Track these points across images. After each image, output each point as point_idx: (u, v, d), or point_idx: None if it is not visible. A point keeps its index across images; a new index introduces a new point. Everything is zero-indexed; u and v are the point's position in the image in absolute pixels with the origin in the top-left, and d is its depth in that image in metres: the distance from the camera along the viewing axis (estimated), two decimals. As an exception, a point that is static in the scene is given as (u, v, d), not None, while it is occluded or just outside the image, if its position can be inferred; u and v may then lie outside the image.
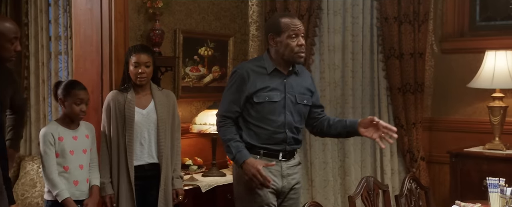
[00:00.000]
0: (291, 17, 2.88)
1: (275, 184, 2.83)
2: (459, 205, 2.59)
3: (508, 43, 3.93)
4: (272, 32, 2.85)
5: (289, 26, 2.80)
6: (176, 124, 3.26)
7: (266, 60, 2.88)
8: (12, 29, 2.52)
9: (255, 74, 2.83)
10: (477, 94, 4.05)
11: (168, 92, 3.30)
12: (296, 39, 2.81)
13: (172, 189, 3.20)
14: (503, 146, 3.79)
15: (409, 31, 4.06)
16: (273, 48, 2.86)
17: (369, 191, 2.78)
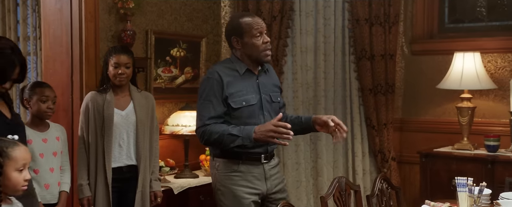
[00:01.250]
0: (250, 16, 2.79)
1: (259, 188, 2.76)
2: (428, 205, 2.63)
3: (476, 45, 4.01)
4: (234, 35, 2.76)
5: (251, 26, 2.72)
6: (154, 126, 3.24)
7: (235, 62, 2.78)
8: None
9: (227, 77, 2.72)
10: (446, 95, 4.11)
11: (147, 94, 3.27)
12: (261, 37, 2.73)
13: (150, 191, 3.17)
14: (471, 146, 3.86)
15: (380, 32, 4.11)
16: (239, 51, 2.77)
17: (341, 192, 2.80)
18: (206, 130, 2.65)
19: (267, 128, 2.55)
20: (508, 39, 4.00)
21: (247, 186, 2.73)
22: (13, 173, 1.94)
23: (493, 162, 3.62)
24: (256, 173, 2.75)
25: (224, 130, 2.63)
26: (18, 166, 1.95)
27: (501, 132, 3.84)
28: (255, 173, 2.75)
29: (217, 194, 2.78)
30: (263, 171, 2.77)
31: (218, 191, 2.77)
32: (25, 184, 1.97)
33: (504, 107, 3.92)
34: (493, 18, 4.18)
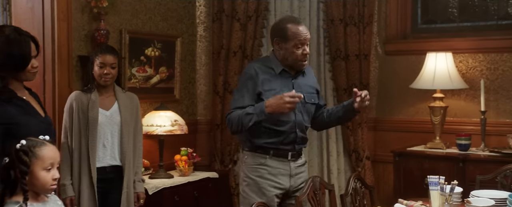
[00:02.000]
0: (298, 24, 2.87)
1: (284, 184, 2.88)
2: (401, 203, 2.65)
3: (448, 45, 4.07)
4: (278, 37, 2.88)
5: (296, 35, 2.83)
6: (138, 127, 3.23)
7: (273, 61, 2.92)
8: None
9: (263, 73, 2.86)
10: (419, 95, 4.17)
11: (132, 94, 3.26)
12: (301, 49, 2.85)
13: (134, 192, 3.15)
14: (443, 145, 3.91)
15: (354, 33, 4.14)
16: (278, 52, 2.90)
17: (315, 191, 2.81)
18: (228, 117, 2.83)
19: (282, 102, 2.67)
20: (479, 39, 4.07)
21: (272, 180, 2.86)
22: (41, 172, 1.98)
23: (464, 160, 3.68)
24: (282, 169, 2.88)
25: (242, 111, 2.77)
26: (46, 165, 1.98)
27: (472, 131, 3.90)
28: (281, 168, 2.88)
29: (242, 185, 2.93)
30: (289, 168, 2.90)
31: (244, 182, 2.92)
32: (54, 183, 2.00)
33: (475, 106, 3.98)
34: (465, 19, 4.24)
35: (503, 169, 3.17)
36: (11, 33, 2.27)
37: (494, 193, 2.68)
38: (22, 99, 2.34)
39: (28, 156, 1.96)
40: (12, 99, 2.28)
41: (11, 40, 2.25)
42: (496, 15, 4.13)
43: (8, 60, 2.25)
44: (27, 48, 2.29)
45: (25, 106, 2.34)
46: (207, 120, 4.53)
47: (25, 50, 2.28)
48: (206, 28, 4.48)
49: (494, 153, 3.69)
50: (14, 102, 2.29)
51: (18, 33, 2.29)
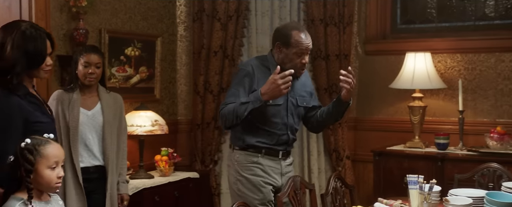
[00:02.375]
0: (302, 32, 2.87)
1: (276, 181, 2.92)
2: (381, 202, 2.67)
3: (427, 45, 4.11)
4: (280, 41, 2.88)
5: (298, 44, 2.84)
6: (122, 127, 3.20)
7: (270, 62, 2.92)
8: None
9: (259, 72, 2.87)
10: (399, 94, 4.20)
11: (116, 95, 3.22)
12: (301, 58, 2.86)
13: (117, 193, 3.13)
14: (422, 144, 3.95)
15: (334, 33, 4.16)
16: (277, 55, 2.90)
17: (296, 191, 2.82)
18: (222, 111, 2.84)
19: (275, 84, 2.68)
20: (457, 40, 4.12)
21: (265, 177, 2.90)
22: (46, 171, 1.97)
23: (443, 159, 3.72)
24: (274, 167, 2.94)
25: (236, 103, 2.79)
26: (50, 163, 1.97)
27: (451, 130, 3.94)
28: (273, 167, 2.93)
29: (237, 184, 2.93)
30: (280, 166, 2.96)
31: (238, 181, 2.92)
32: (58, 181, 1.99)
33: (453, 105, 4.03)
34: (443, 19, 4.29)
35: (481, 168, 3.22)
36: (27, 29, 2.23)
37: (472, 192, 2.71)
38: (35, 97, 2.32)
39: (32, 154, 1.95)
40: (26, 96, 2.25)
41: (27, 36, 2.22)
42: (473, 15, 4.18)
43: (23, 56, 2.20)
44: (43, 44, 2.26)
45: (39, 103, 2.32)
46: (188, 120, 4.51)
47: (40, 46, 2.25)
48: (186, 27, 4.47)
49: (472, 152, 3.73)
50: (28, 99, 2.26)
51: (34, 29, 2.25)
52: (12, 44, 2.19)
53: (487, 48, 4.02)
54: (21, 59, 2.20)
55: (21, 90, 2.22)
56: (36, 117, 2.24)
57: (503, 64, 3.97)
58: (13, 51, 2.18)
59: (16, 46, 2.19)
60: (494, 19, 4.12)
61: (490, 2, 4.13)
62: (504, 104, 3.96)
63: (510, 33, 4.00)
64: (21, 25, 2.24)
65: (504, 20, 4.08)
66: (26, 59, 2.21)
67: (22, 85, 2.24)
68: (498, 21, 4.10)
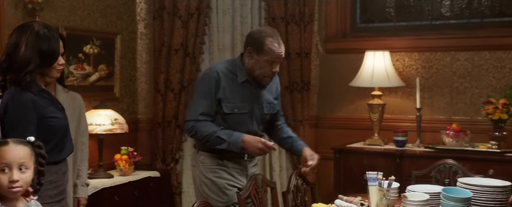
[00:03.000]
0: (277, 40, 2.82)
1: (241, 183, 2.91)
2: (341, 199, 2.70)
3: (385, 44, 4.18)
4: (252, 47, 2.81)
5: (271, 53, 2.79)
6: (82, 128, 3.12)
7: (238, 67, 2.86)
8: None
9: (225, 79, 2.82)
10: (358, 92, 4.26)
11: (75, 94, 3.14)
12: (272, 66, 2.82)
13: (74, 197, 3.04)
14: (381, 141, 4.02)
15: (295, 31, 4.18)
16: (247, 60, 2.85)
17: (257, 189, 2.82)
18: (195, 126, 2.79)
19: (255, 145, 2.76)
20: (415, 38, 4.20)
21: (231, 179, 2.89)
22: None
23: (401, 156, 3.79)
24: (239, 169, 2.93)
25: (213, 131, 2.77)
26: (0, 166, 1.89)
27: (409, 128, 4.02)
28: (238, 168, 2.92)
29: (202, 186, 2.90)
30: (246, 168, 2.97)
31: (203, 183, 2.89)
32: (11, 186, 1.88)
33: (411, 103, 4.11)
34: (401, 18, 4.37)
35: (437, 164, 3.29)
36: (40, 29, 2.30)
37: (429, 188, 2.77)
38: (48, 93, 2.40)
39: None
40: (40, 93, 2.32)
41: (40, 36, 2.28)
42: (430, 15, 4.27)
43: (37, 55, 2.27)
44: (56, 44, 2.33)
45: (52, 99, 2.40)
46: (148, 119, 4.47)
47: (54, 46, 2.32)
48: (146, 25, 4.42)
49: (429, 149, 3.82)
50: (43, 96, 2.33)
51: (47, 29, 2.32)
52: (26, 44, 2.26)
53: (443, 47, 4.11)
54: (35, 58, 2.26)
55: (34, 87, 2.28)
56: (50, 111, 2.31)
57: (458, 63, 4.07)
58: (27, 50, 2.26)
59: (30, 45, 2.26)
60: (450, 19, 4.22)
61: (446, 2, 4.23)
62: (459, 101, 4.07)
63: (465, 33, 4.10)
64: (35, 26, 2.32)
65: (459, 19, 4.18)
66: (39, 58, 2.27)
67: (35, 83, 2.30)
68: (453, 20, 4.20)
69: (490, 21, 4.08)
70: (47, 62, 2.31)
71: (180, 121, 4.31)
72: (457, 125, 3.81)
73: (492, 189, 2.57)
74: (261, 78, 2.86)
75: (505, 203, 2.58)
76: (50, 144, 2.29)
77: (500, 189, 2.58)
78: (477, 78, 4.01)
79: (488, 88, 3.97)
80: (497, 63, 3.95)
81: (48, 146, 2.25)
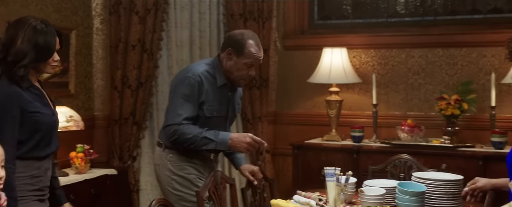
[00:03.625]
0: (257, 44, 2.84)
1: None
2: (300, 195, 2.72)
3: (343, 41, 4.23)
4: (233, 48, 2.81)
5: (251, 55, 2.80)
6: None
7: (217, 69, 2.85)
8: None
9: (208, 84, 2.81)
10: (316, 89, 4.30)
11: None
12: (250, 69, 2.83)
13: None
14: (339, 137, 4.07)
15: (254, 28, 4.18)
16: (225, 61, 2.84)
17: (217, 185, 2.82)
18: (179, 129, 2.77)
19: (243, 140, 2.79)
20: (371, 36, 4.27)
21: (200, 175, 2.91)
22: None
23: (358, 151, 3.85)
24: (206, 166, 2.95)
25: (199, 132, 2.77)
26: None
27: (365, 123, 4.09)
28: (206, 165, 2.95)
29: (172, 184, 2.87)
30: (212, 165, 3.02)
31: (173, 181, 2.87)
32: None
33: (368, 99, 4.18)
34: (357, 15, 4.43)
35: (393, 159, 3.36)
36: (38, 24, 2.30)
37: (385, 182, 2.82)
38: (38, 89, 2.38)
39: None
40: (30, 88, 2.30)
41: (37, 30, 2.28)
42: (386, 12, 4.35)
43: (33, 49, 2.26)
44: (52, 39, 2.32)
45: (42, 96, 2.37)
46: (105, 115, 4.39)
47: (50, 41, 2.31)
48: (103, 20, 4.34)
49: (385, 144, 3.90)
50: (32, 91, 2.31)
51: (44, 24, 2.32)
52: (23, 37, 2.26)
53: (399, 44, 4.19)
54: (31, 52, 2.26)
55: (25, 82, 2.27)
56: (35, 107, 2.29)
57: (413, 59, 4.16)
58: (24, 43, 2.26)
59: (26, 39, 2.26)
60: (405, 16, 4.30)
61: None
62: (414, 97, 4.16)
63: (419, 30, 4.19)
64: (32, 20, 2.31)
65: (413, 17, 4.27)
66: (35, 52, 2.26)
67: (27, 77, 2.28)
68: (408, 18, 4.29)
69: (442, 19, 4.19)
70: (42, 57, 2.30)
71: (137, 117, 4.26)
72: (412, 120, 3.90)
73: (445, 183, 2.64)
74: (237, 80, 2.88)
75: (458, 196, 2.65)
76: (34, 139, 2.29)
77: (453, 182, 2.65)
78: (430, 75, 4.11)
79: (441, 84, 4.07)
80: (450, 60, 4.06)
81: (32, 141, 2.29)
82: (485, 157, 3.53)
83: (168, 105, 2.90)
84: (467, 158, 3.59)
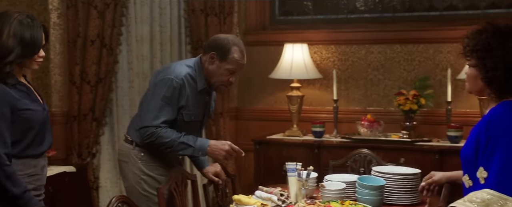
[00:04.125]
0: (242, 50, 2.79)
1: None
2: (262, 190, 2.73)
3: (304, 37, 4.25)
4: (216, 52, 2.75)
5: (235, 62, 2.76)
6: None
7: (199, 73, 2.78)
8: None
9: (189, 89, 2.75)
10: (278, 84, 4.31)
11: None
12: (232, 76, 2.78)
13: None
14: (300, 133, 4.10)
15: (215, 23, 4.17)
16: (207, 65, 2.77)
17: (178, 182, 2.80)
18: (156, 132, 2.70)
19: (223, 147, 2.77)
20: (331, 32, 4.31)
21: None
22: None
23: (319, 147, 3.89)
24: (174, 167, 2.90)
25: (177, 137, 2.72)
26: None
27: (326, 119, 4.13)
28: (174, 166, 2.90)
29: (140, 183, 2.81)
30: (181, 163, 3.04)
31: (142, 181, 2.81)
32: None
33: (328, 95, 4.22)
34: (318, 11, 4.46)
35: (353, 154, 3.41)
36: (23, 18, 2.25)
37: (345, 177, 2.85)
38: (24, 85, 2.34)
39: None
40: (16, 85, 2.27)
41: (23, 24, 2.23)
42: (346, 9, 4.40)
43: (19, 44, 2.22)
44: (38, 34, 2.28)
45: (28, 92, 2.34)
46: (63, 112, 4.31)
47: (36, 35, 2.27)
48: (60, 15, 4.24)
49: (345, 139, 3.94)
50: (18, 88, 2.28)
51: (30, 19, 2.27)
52: (8, 32, 2.21)
53: (358, 40, 4.24)
54: (17, 47, 2.21)
55: (10, 79, 2.23)
56: (24, 104, 2.26)
57: (372, 55, 4.22)
58: (9, 38, 2.20)
59: (12, 33, 2.21)
60: (364, 13, 4.36)
61: (361, -4, 4.37)
62: (373, 93, 4.22)
63: (378, 26, 4.26)
64: (17, 15, 2.26)
65: (373, 13, 4.33)
66: (21, 48, 2.22)
67: (12, 74, 2.24)
68: (367, 14, 4.35)
69: (401, 15, 4.26)
70: (28, 53, 2.25)
71: (97, 113, 4.19)
72: (371, 115, 3.96)
73: (403, 177, 2.69)
74: (217, 85, 2.83)
75: (416, 189, 2.71)
76: (28, 137, 2.27)
77: (411, 176, 2.71)
78: (389, 71, 4.18)
79: (400, 80, 4.15)
80: (408, 56, 4.13)
81: (26, 139, 2.26)
82: (441, 151, 3.62)
83: (144, 103, 2.79)
84: (424, 152, 3.67)
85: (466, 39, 2.07)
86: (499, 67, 1.96)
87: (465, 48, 2.07)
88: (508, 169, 1.88)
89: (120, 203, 2.27)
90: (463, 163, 2.13)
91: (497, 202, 1.86)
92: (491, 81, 2.00)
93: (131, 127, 2.91)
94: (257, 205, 2.53)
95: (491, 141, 1.92)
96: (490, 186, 1.89)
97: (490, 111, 2.03)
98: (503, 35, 1.99)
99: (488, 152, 1.92)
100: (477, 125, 2.06)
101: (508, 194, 1.86)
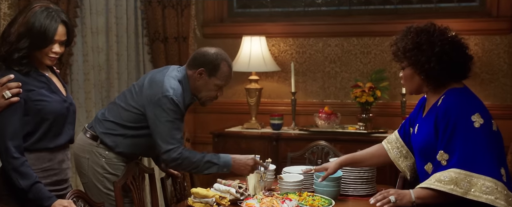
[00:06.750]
0: (230, 65, 2.75)
1: None
2: (220, 183, 2.74)
3: (262, 30, 4.26)
4: (206, 69, 2.67)
5: (224, 78, 2.71)
6: None
7: (185, 87, 2.70)
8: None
9: (183, 103, 2.69)
10: (236, 77, 4.27)
11: None
12: (219, 91, 2.74)
13: None
14: (258, 125, 4.11)
15: (172, 15, 4.12)
16: (195, 80, 2.70)
17: (134, 175, 2.77)
18: (182, 154, 2.62)
19: (247, 162, 2.66)
20: (289, 24, 4.33)
21: None
22: None
23: (277, 139, 3.92)
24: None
25: (201, 156, 2.66)
26: None
27: (284, 111, 4.16)
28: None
29: (103, 182, 2.72)
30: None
31: (105, 179, 2.72)
32: None
33: (287, 87, 4.25)
34: (276, 4, 4.47)
35: (310, 146, 3.45)
36: (39, 8, 2.21)
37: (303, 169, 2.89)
38: (43, 75, 2.28)
39: None
40: (30, 73, 2.21)
41: (37, 15, 2.19)
42: (303, 2, 4.42)
43: (27, 32, 2.18)
44: (51, 26, 2.20)
45: (47, 82, 2.27)
46: (15, 106, 4.18)
47: (48, 27, 2.19)
48: (10, 5, 4.09)
49: (303, 131, 3.98)
50: (34, 77, 2.23)
51: (49, 11, 2.22)
52: (22, 20, 2.19)
53: (316, 33, 4.28)
54: (25, 35, 2.18)
55: (25, 67, 2.19)
56: (38, 94, 2.20)
57: (329, 48, 4.26)
58: (21, 27, 2.18)
59: (25, 22, 2.19)
60: (321, 6, 4.39)
61: (318, -11, 4.40)
62: (331, 85, 4.27)
63: (335, 19, 4.30)
64: (37, 6, 2.23)
65: (329, 7, 4.37)
66: (30, 37, 2.18)
67: (28, 62, 2.20)
68: (324, 8, 4.38)
69: (357, 9, 4.32)
70: (37, 44, 2.19)
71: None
72: (328, 107, 4.00)
73: (359, 168, 2.74)
74: (204, 100, 2.78)
75: (372, 181, 2.77)
76: (42, 129, 2.20)
77: (366, 167, 2.76)
78: (346, 63, 4.23)
79: (356, 72, 4.21)
80: (364, 49, 4.20)
81: (40, 131, 2.19)
82: (397, 142, 3.68)
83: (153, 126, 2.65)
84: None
85: (395, 46, 2.23)
86: (432, 60, 2.12)
87: (396, 53, 2.23)
88: (469, 148, 2.04)
89: (75, 198, 2.23)
90: (421, 154, 2.21)
91: (464, 179, 2.03)
92: (428, 74, 2.15)
93: (98, 121, 2.79)
94: (215, 197, 2.53)
95: (450, 125, 2.07)
96: (455, 165, 2.05)
97: (444, 100, 2.16)
98: (426, 31, 2.17)
99: (447, 136, 2.07)
100: (428, 115, 2.17)
101: (471, 171, 2.02)
